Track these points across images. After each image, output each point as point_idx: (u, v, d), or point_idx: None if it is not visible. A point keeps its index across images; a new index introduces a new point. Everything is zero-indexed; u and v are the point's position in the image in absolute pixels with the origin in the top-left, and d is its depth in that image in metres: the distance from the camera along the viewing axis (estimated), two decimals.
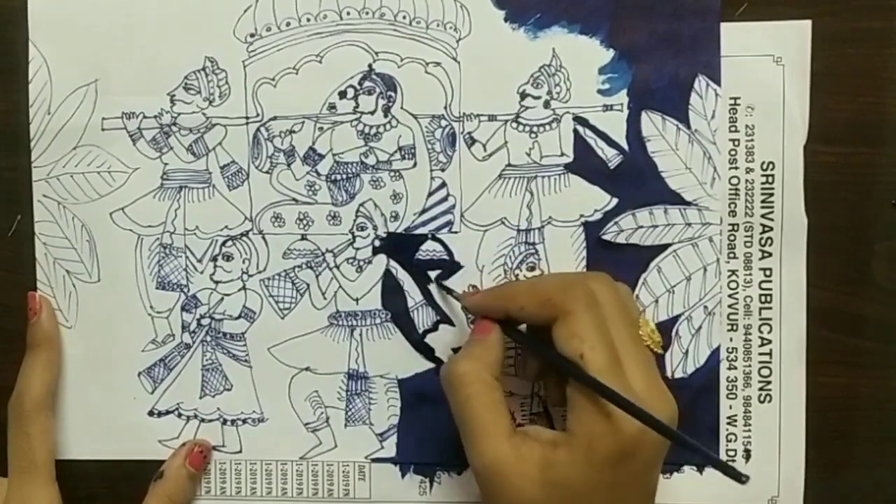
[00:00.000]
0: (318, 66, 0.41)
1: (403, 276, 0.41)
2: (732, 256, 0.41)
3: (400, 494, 0.42)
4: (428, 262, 0.41)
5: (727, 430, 0.41)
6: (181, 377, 0.42)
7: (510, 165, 0.41)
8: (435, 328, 0.41)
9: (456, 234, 0.41)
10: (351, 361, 0.42)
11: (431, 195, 0.41)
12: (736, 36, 0.39)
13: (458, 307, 0.41)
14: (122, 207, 0.42)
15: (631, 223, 0.40)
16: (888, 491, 0.41)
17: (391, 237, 0.41)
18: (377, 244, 0.41)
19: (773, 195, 0.40)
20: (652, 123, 0.40)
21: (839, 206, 0.40)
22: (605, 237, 0.40)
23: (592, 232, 0.40)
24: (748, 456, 0.41)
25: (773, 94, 0.40)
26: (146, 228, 0.42)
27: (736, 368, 0.41)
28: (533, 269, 0.41)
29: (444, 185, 0.41)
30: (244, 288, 0.42)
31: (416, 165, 0.41)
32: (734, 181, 0.40)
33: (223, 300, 0.42)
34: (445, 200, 0.41)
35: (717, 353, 0.41)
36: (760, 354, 0.41)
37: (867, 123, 0.40)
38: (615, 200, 0.40)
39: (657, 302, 0.41)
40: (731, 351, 0.41)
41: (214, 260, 0.42)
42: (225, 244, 0.42)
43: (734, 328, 0.41)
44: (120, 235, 0.42)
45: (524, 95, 0.40)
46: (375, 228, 0.41)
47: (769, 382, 0.41)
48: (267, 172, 0.41)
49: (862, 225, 0.40)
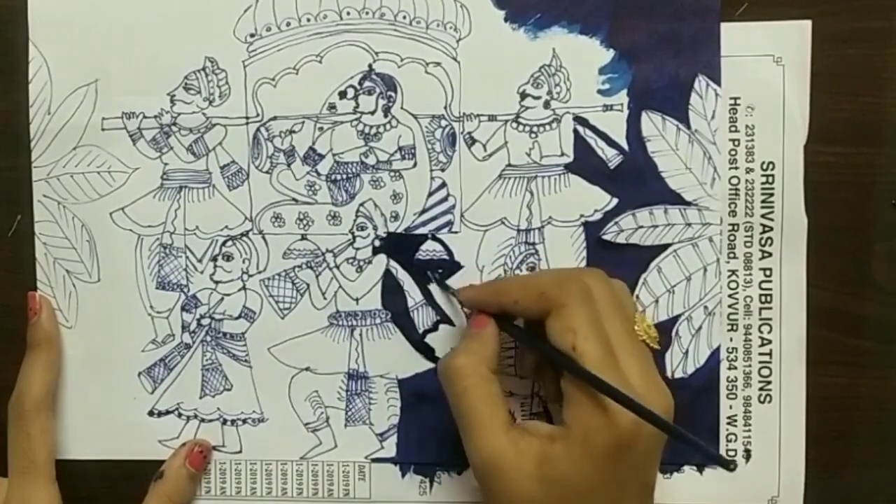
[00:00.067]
0: (318, 66, 0.41)
1: (403, 276, 0.41)
2: (732, 256, 0.41)
3: (400, 494, 0.42)
4: (428, 262, 0.41)
5: (727, 430, 0.41)
6: (181, 377, 0.42)
7: (510, 165, 0.41)
8: (435, 328, 0.41)
9: (456, 234, 0.41)
10: (351, 361, 0.42)
11: (431, 195, 0.41)
12: (736, 36, 0.39)
13: (458, 307, 0.41)
14: (122, 207, 0.42)
15: (631, 223, 0.40)
16: (888, 491, 0.41)
17: (391, 237, 0.41)
18: (377, 244, 0.41)
19: (773, 195, 0.40)
20: (652, 123, 0.40)
21: (839, 206, 0.40)
22: (605, 237, 0.40)
23: (592, 232, 0.40)
24: (748, 456, 0.41)
25: (773, 94, 0.40)
26: (146, 228, 0.42)
27: (736, 368, 0.41)
28: (533, 269, 0.41)
29: (444, 185, 0.41)
30: (244, 288, 0.42)
31: (416, 165, 0.41)
32: (734, 181, 0.40)
33: (223, 300, 0.42)
34: (445, 200, 0.41)
35: (717, 353, 0.41)
36: (760, 354, 0.41)
37: (867, 123, 0.40)
38: (615, 200, 0.40)
39: (657, 302, 0.41)
40: (731, 351, 0.41)
41: (214, 260, 0.42)
42: (225, 244, 0.42)
43: (734, 328, 0.41)
44: (120, 235, 0.42)
45: (524, 95, 0.40)
46: (375, 228, 0.41)
47: (769, 382, 0.41)
48: (267, 172, 0.41)
49: (862, 225, 0.40)
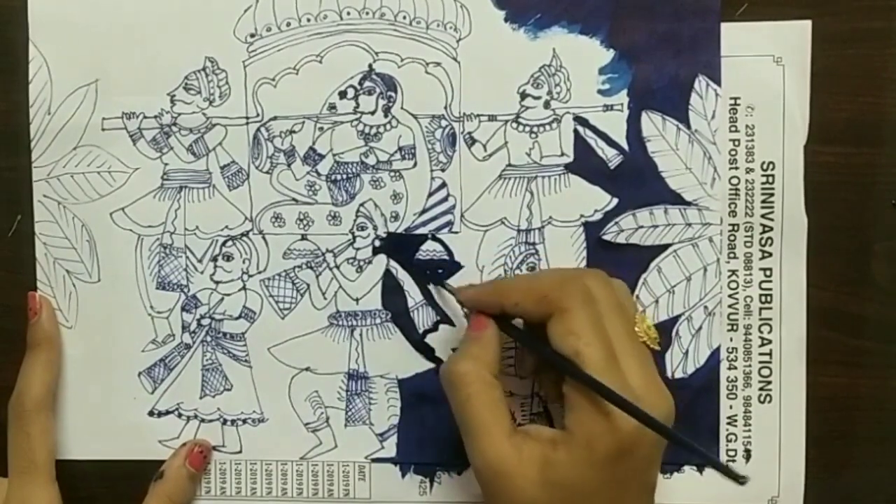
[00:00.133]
0: (318, 66, 0.41)
1: (403, 276, 0.41)
2: (732, 256, 0.41)
3: (400, 494, 0.42)
4: (428, 262, 0.41)
5: (727, 430, 0.41)
6: (181, 377, 0.42)
7: (510, 165, 0.41)
8: (435, 328, 0.41)
9: (456, 234, 0.41)
10: (351, 361, 0.42)
11: (431, 195, 0.41)
12: (736, 36, 0.39)
13: (458, 307, 0.41)
14: (122, 207, 0.42)
15: (631, 223, 0.40)
16: (888, 491, 0.41)
17: (391, 237, 0.41)
18: (377, 244, 0.41)
19: (773, 195, 0.40)
20: (652, 123, 0.40)
21: (839, 206, 0.40)
22: (605, 237, 0.40)
23: (592, 232, 0.40)
24: (748, 456, 0.41)
25: (773, 94, 0.40)
26: (146, 228, 0.42)
27: (736, 368, 0.41)
28: (533, 269, 0.41)
29: (444, 185, 0.41)
30: (244, 288, 0.42)
31: (416, 165, 0.41)
32: (734, 181, 0.40)
33: (223, 300, 0.42)
34: (445, 200, 0.41)
35: (717, 353, 0.41)
36: (760, 354, 0.41)
37: (867, 123, 0.40)
38: (615, 200, 0.40)
39: (657, 302, 0.41)
40: (731, 351, 0.41)
41: (214, 260, 0.42)
42: (225, 244, 0.42)
43: (734, 328, 0.41)
44: (120, 235, 0.42)
45: (524, 95, 0.40)
46: (375, 228, 0.41)
47: (769, 382, 0.41)
48: (267, 172, 0.41)
49: (862, 225, 0.40)
